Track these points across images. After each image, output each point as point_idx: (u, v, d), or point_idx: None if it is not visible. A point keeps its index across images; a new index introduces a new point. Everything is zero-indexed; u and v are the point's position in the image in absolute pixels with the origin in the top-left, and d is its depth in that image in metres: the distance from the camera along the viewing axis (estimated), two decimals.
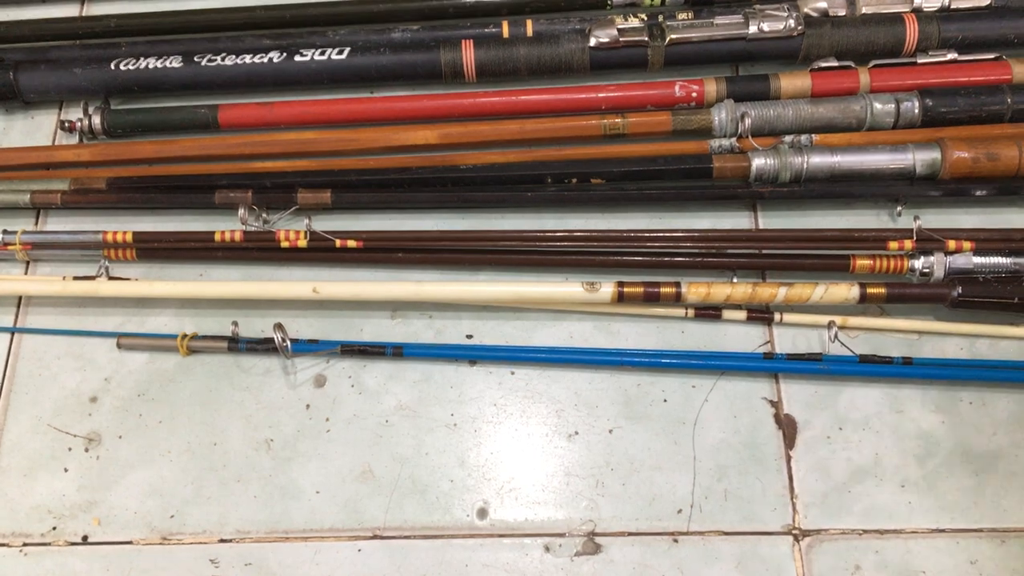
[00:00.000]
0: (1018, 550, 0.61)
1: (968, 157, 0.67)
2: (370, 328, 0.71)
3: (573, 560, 0.63)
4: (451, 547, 0.64)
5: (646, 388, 0.67)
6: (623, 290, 0.65)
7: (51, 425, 0.69)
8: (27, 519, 0.66)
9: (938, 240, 0.65)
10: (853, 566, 0.62)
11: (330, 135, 0.76)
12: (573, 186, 0.72)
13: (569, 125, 0.74)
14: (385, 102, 0.77)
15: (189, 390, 0.70)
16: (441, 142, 0.75)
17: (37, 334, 0.73)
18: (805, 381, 0.67)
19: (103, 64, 0.79)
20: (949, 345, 0.68)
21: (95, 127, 0.78)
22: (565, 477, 0.65)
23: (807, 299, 0.65)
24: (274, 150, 0.76)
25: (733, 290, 0.65)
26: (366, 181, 0.73)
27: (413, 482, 0.66)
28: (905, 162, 0.68)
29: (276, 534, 0.65)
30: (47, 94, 0.81)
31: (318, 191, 0.72)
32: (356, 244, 0.70)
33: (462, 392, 0.68)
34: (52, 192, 0.74)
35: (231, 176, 0.74)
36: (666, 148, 0.73)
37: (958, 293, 0.63)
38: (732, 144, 0.71)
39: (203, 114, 0.77)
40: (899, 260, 0.66)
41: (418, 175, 0.73)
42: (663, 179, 0.71)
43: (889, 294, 0.64)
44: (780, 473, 0.64)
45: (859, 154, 0.69)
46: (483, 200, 0.73)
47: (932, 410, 0.65)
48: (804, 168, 0.69)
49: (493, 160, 0.73)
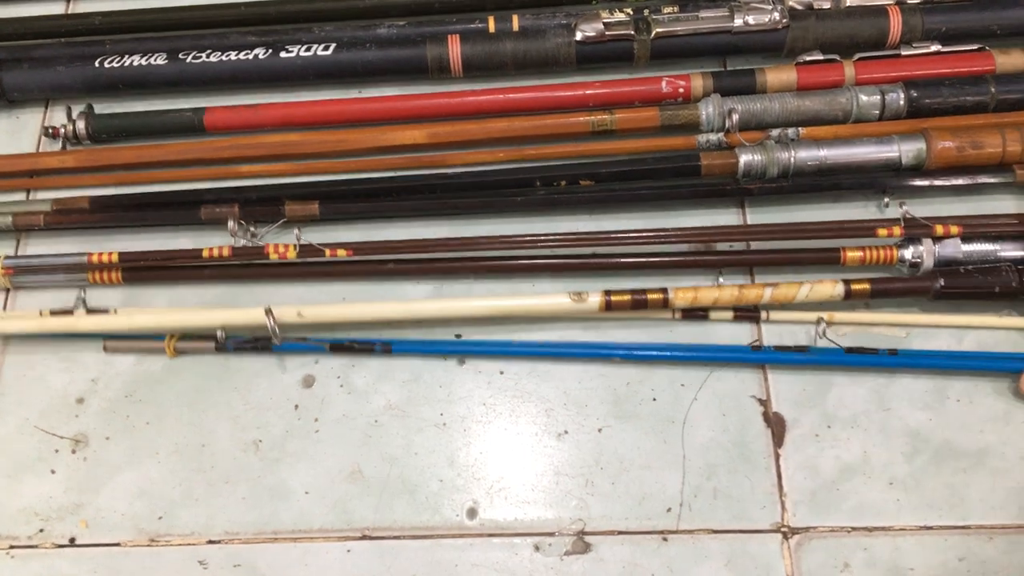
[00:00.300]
0: (1005, 547, 0.62)
1: (953, 147, 0.68)
2: (359, 330, 0.70)
3: (563, 559, 0.63)
4: (441, 547, 0.64)
5: (635, 387, 0.67)
6: (610, 299, 0.65)
7: (38, 427, 0.69)
8: (13, 521, 0.66)
9: (926, 225, 0.66)
10: (842, 563, 0.62)
11: (316, 137, 0.76)
12: (562, 189, 0.71)
13: (557, 122, 0.74)
14: (371, 102, 0.77)
15: (176, 391, 0.69)
16: (429, 142, 0.74)
17: (24, 337, 0.72)
18: (793, 378, 0.67)
19: (87, 62, 0.78)
20: (936, 339, 0.68)
21: (79, 132, 0.77)
22: (555, 476, 0.65)
23: (793, 298, 0.65)
24: (260, 152, 0.75)
25: (720, 293, 0.65)
26: (354, 191, 0.73)
27: (402, 482, 0.65)
28: (891, 153, 0.69)
29: (265, 535, 0.65)
30: (31, 92, 0.80)
31: (306, 203, 0.72)
32: (346, 254, 0.69)
33: (451, 392, 0.68)
34: (35, 214, 0.73)
35: (217, 184, 0.74)
36: (654, 144, 0.73)
37: (940, 285, 0.64)
38: (720, 139, 0.71)
39: (188, 117, 0.77)
40: (888, 250, 0.66)
41: (406, 182, 0.72)
42: (652, 178, 0.71)
43: (874, 289, 0.65)
44: (769, 471, 0.64)
45: (846, 147, 0.69)
46: (472, 206, 0.72)
47: (919, 408, 0.66)
48: (791, 163, 0.69)
49: (481, 159, 0.73)
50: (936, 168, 0.69)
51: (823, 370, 0.67)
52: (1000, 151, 0.68)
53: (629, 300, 0.65)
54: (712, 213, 0.73)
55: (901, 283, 0.65)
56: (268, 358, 0.70)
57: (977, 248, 0.66)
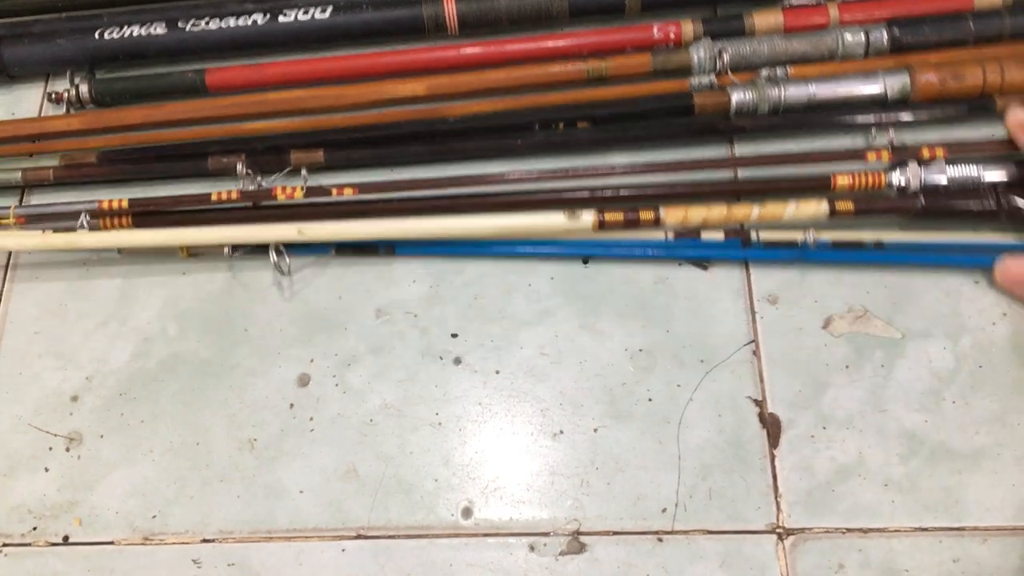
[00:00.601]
0: (1000, 549, 0.62)
1: (936, 80, 0.71)
2: (355, 328, 0.70)
3: (558, 559, 0.63)
4: (435, 547, 0.63)
5: (631, 387, 0.67)
6: (603, 217, 0.68)
7: (32, 424, 0.69)
8: (7, 519, 0.66)
9: (912, 149, 0.69)
10: (837, 565, 0.62)
11: (319, 92, 0.77)
12: (560, 131, 0.74)
13: (553, 71, 0.76)
14: (372, 58, 0.79)
15: (172, 389, 0.69)
16: (429, 93, 0.76)
17: (18, 333, 0.72)
18: (791, 379, 0.67)
19: (87, 34, 0.79)
20: None
21: (83, 96, 0.78)
22: (550, 476, 0.65)
23: (781, 216, 0.68)
24: (264, 109, 0.77)
25: (709, 212, 0.68)
26: (357, 139, 0.75)
27: (397, 481, 0.65)
28: (877, 88, 0.72)
29: (259, 534, 0.64)
30: (32, 67, 0.81)
31: (310, 151, 0.74)
32: (352, 192, 0.71)
33: (447, 391, 0.68)
34: (43, 168, 0.75)
35: (223, 140, 0.75)
36: (648, 88, 0.76)
37: (922, 203, 0.67)
38: (711, 81, 0.74)
39: (191, 78, 0.78)
40: (877, 175, 0.69)
41: (409, 129, 0.75)
42: (647, 118, 0.74)
43: (858, 208, 0.67)
44: (764, 472, 0.64)
45: (833, 83, 0.73)
46: (473, 150, 0.74)
47: (916, 409, 0.66)
48: (782, 99, 0.72)
49: (481, 109, 0.75)
50: (920, 101, 0.72)
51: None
52: (980, 83, 0.71)
53: (622, 219, 0.68)
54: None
55: (884, 202, 0.69)
56: (266, 357, 0.70)
57: (961, 171, 0.69)
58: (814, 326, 0.69)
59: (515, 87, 0.76)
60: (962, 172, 0.68)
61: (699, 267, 0.71)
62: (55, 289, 0.74)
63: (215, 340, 0.71)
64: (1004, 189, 0.67)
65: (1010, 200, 0.67)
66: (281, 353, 0.70)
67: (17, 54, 0.80)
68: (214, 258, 0.73)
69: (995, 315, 0.68)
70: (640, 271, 0.71)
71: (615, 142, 0.74)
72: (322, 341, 0.70)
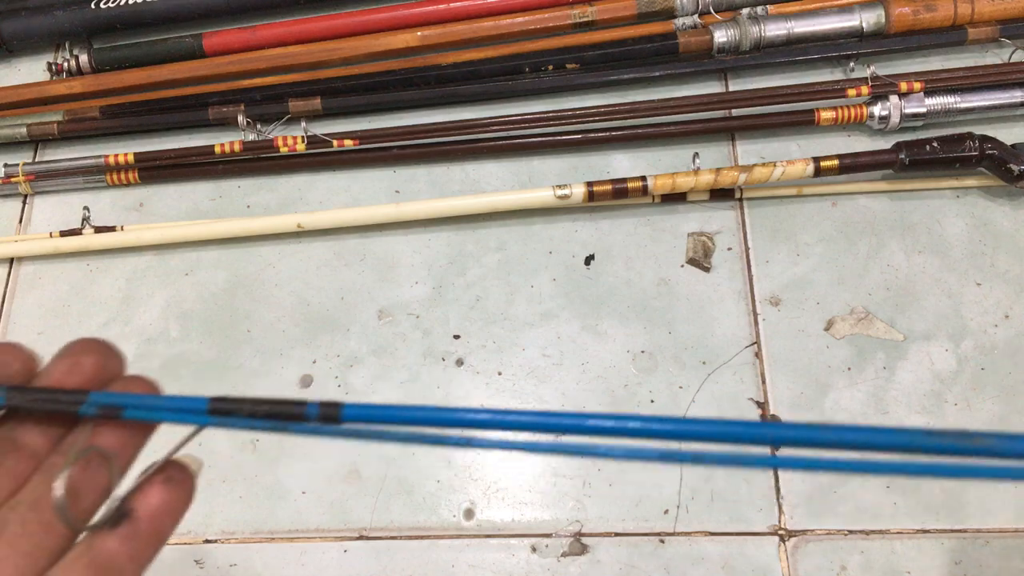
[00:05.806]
0: (1002, 551, 0.62)
1: (909, 12, 0.75)
2: (357, 330, 0.70)
3: (560, 560, 0.63)
4: (437, 548, 0.64)
5: (633, 389, 0.67)
6: (592, 189, 0.70)
7: None
8: None
9: (891, 83, 0.72)
10: (839, 566, 0.62)
11: (315, 47, 0.80)
12: (550, 73, 0.77)
13: (540, 18, 0.80)
14: (364, 15, 0.81)
15: (174, 390, 0.69)
16: (421, 44, 0.79)
17: (25, 333, 0.72)
18: (791, 381, 0.67)
19: (83, 5, 0.81)
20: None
21: (83, 66, 0.81)
22: (552, 478, 0.65)
23: (767, 179, 0.70)
24: (261, 66, 0.79)
25: (697, 179, 0.70)
26: (353, 86, 0.77)
27: (399, 482, 0.65)
28: (853, 21, 0.76)
29: (262, 535, 0.65)
30: (30, 40, 0.83)
31: (308, 99, 0.76)
32: (353, 143, 0.74)
33: (449, 392, 0.68)
34: (48, 123, 0.77)
35: (222, 93, 0.78)
36: (633, 31, 0.79)
37: (904, 156, 0.70)
38: (695, 21, 0.78)
39: (188, 43, 0.80)
40: (859, 108, 0.72)
41: (404, 75, 0.77)
42: (633, 59, 0.77)
43: (841, 165, 0.70)
44: (766, 474, 0.64)
45: (811, 18, 0.76)
46: (467, 94, 0.77)
47: (917, 411, 0.66)
48: (762, 36, 0.75)
49: (472, 57, 0.78)
50: (895, 33, 0.75)
51: (820, 370, 0.67)
52: (952, 13, 0.75)
53: (610, 189, 0.70)
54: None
55: (868, 157, 0.71)
56: (269, 358, 0.70)
57: (939, 100, 0.72)
58: (816, 328, 0.69)
59: (505, 35, 0.80)
60: (939, 102, 0.72)
61: (701, 269, 0.71)
62: (58, 290, 0.74)
63: (218, 341, 0.71)
64: (982, 138, 0.70)
65: (987, 147, 0.69)
66: (284, 354, 0.70)
67: (16, 28, 0.81)
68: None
69: (997, 317, 0.68)
70: (642, 272, 0.71)
71: (603, 84, 0.78)
72: (324, 342, 0.70)
